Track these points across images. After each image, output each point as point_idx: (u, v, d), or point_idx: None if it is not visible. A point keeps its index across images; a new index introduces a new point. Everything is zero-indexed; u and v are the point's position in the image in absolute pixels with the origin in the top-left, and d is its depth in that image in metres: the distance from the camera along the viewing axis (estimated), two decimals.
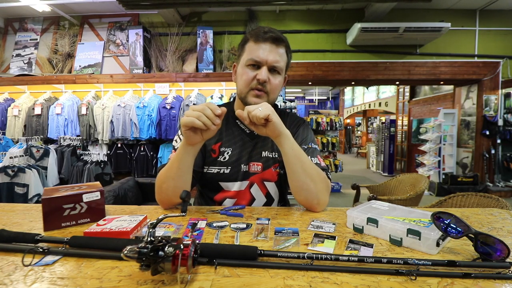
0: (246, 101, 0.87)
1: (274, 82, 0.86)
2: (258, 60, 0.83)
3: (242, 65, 0.87)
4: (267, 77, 0.83)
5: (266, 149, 0.94)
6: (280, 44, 0.85)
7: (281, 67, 0.86)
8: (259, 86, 0.84)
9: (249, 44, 0.86)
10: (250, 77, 0.85)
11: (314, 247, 0.54)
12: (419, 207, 0.91)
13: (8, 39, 4.75)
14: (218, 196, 0.92)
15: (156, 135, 3.80)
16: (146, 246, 0.40)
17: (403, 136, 7.16)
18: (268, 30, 0.84)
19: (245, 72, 0.85)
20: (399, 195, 2.39)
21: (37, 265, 0.47)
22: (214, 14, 4.55)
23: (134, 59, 4.26)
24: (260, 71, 0.83)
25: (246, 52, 0.86)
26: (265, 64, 0.83)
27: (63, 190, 0.68)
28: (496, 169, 4.71)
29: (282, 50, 0.86)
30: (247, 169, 0.91)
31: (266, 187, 0.93)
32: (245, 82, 0.86)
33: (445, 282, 0.42)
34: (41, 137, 3.72)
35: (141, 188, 2.62)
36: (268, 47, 0.83)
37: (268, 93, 0.86)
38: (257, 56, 0.83)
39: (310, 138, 0.96)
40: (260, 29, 0.85)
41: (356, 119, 14.40)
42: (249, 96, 0.86)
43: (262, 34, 0.83)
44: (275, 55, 0.84)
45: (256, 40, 0.84)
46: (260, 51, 0.83)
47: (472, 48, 4.56)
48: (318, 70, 4.51)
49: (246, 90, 0.86)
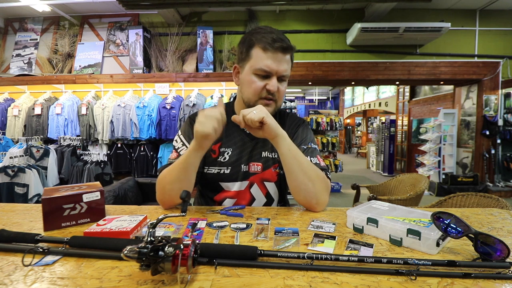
0: None
1: (282, 90, 0.87)
2: (268, 71, 0.82)
3: (249, 72, 0.85)
4: (277, 87, 0.84)
5: (266, 150, 0.94)
6: (289, 52, 0.84)
7: (288, 74, 0.87)
8: (269, 96, 0.85)
9: (257, 51, 0.83)
10: (259, 87, 0.84)
11: (314, 247, 0.54)
12: (419, 207, 0.91)
13: (8, 39, 4.75)
14: (218, 196, 0.92)
15: (156, 135, 3.80)
16: (146, 246, 0.40)
17: (403, 136, 7.16)
18: (277, 37, 0.81)
19: (254, 81, 0.84)
20: (399, 195, 2.39)
21: (37, 265, 0.47)
22: (214, 14, 4.55)
23: (134, 59, 4.26)
24: (271, 82, 0.83)
25: (254, 59, 0.83)
26: (275, 74, 0.83)
27: (63, 190, 0.68)
28: (496, 169, 4.71)
29: (289, 57, 0.85)
30: (247, 169, 0.92)
31: (266, 187, 0.93)
32: (254, 91, 0.85)
33: (445, 282, 0.42)
34: (41, 137, 3.72)
35: (141, 188, 2.62)
36: (278, 57, 0.82)
37: (276, 101, 0.87)
38: (267, 66, 0.82)
39: (310, 138, 0.96)
40: (267, 36, 0.81)
41: (356, 119, 14.40)
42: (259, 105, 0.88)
43: (271, 42, 0.80)
44: (284, 64, 0.83)
45: (265, 48, 0.81)
46: (269, 61, 0.81)
47: (472, 48, 4.56)
48: (318, 70, 4.50)
49: (255, 99, 0.86)
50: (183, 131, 0.93)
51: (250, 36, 0.85)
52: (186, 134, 0.91)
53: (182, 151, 0.88)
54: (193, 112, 1.04)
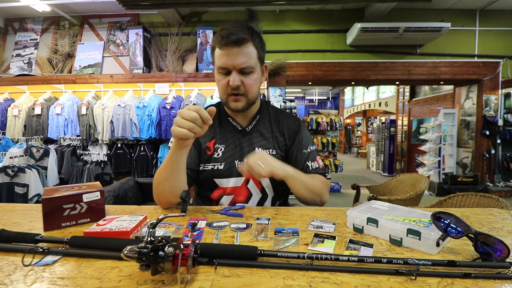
0: (227, 106, 0.91)
1: (249, 82, 0.86)
2: (225, 67, 0.83)
3: (216, 72, 0.88)
4: (239, 81, 0.84)
5: (260, 146, 0.95)
6: (244, 43, 0.82)
7: (252, 65, 0.84)
8: (234, 91, 0.86)
9: (216, 51, 0.85)
10: (224, 84, 0.86)
11: (314, 247, 0.54)
12: (419, 207, 0.91)
13: (8, 39, 4.75)
14: (215, 194, 0.93)
15: (156, 135, 3.80)
16: (146, 246, 0.40)
17: (403, 136, 7.16)
18: (230, 32, 0.80)
19: (219, 80, 0.87)
20: (399, 195, 2.39)
21: (37, 265, 0.47)
22: (214, 14, 4.55)
23: (134, 59, 4.26)
24: (231, 77, 0.83)
25: (216, 59, 0.86)
26: (234, 69, 0.83)
27: (63, 190, 0.68)
28: (496, 169, 4.71)
29: (248, 49, 0.83)
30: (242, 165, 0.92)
31: (261, 183, 0.94)
32: (221, 89, 0.88)
33: (445, 282, 0.42)
34: (41, 137, 3.71)
35: (141, 188, 2.62)
36: (231, 51, 0.81)
37: (245, 94, 0.87)
38: (223, 63, 0.83)
39: (308, 141, 0.98)
40: (222, 33, 0.81)
41: (356, 119, 14.40)
42: (229, 102, 0.89)
43: (224, 39, 0.80)
44: (241, 57, 0.82)
45: (220, 46, 0.83)
46: (225, 57, 0.82)
47: (472, 48, 4.55)
48: (318, 70, 4.50)
49: (225, 96, 0.89)
50: None
51: (213, 39, 0.88)
52: None
53: None
54: None
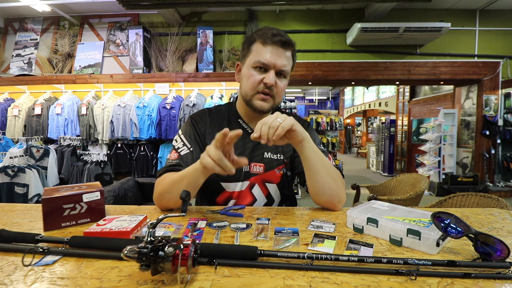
0: (251, 104, 0.86)
1: (281, 86, 0.85)
2: (266, 63, 0.81)
3: (248, 66, 0.85)
4: (275, 81, 0.82)
5: (269, 150, 0.93)
6: (288, 47, 0.84)
7: (288, 71, 0.85)
8: (266, 90, 0.83)
9: (257, 46, 0.83)
10: (257, 80, 0.83)
11: (314, 247, 0.54)
12: (419, 207, 0.91)
13: (8, 39, 4.75)
14: (220, 198, 0.91)
15: (156, 135, 3.80)
16: (146, 246, 0.40)
17: (403, 136, 7.16)
18: (277, 32, 0.82)
19: (252, 75, 0.83)
20: (399, 195, 2.39)
21: (37, 265, 0.47)
22: (214, 14, 4.55)
23: (134, 59, 4.26)
24: (268, 75, 0.82)
25: (253, 53, 0.84)
26: (273, 68, 0.82)
27: (63, 190, 0.68)
28: (496, 169, 4.71)
29: (289, 54, 0.84)
30: (248, 170, 0.91)
31: (267, 188, 0.92)
32: (251, 85, 0.84)
33: (445, 282, 0.42)
34: (41, 137, 3.71)
35: (141, 188, 2.62)
36: (276, 51, 0.81)
37: (274, 97, 0.86)
38: (265, 59, 0.81)
39: (318, 140, 0.95)
40: (268, 31, 0.82)
41: (356, 119, 14.40)
42: (255, 100, 0.85)
43: (270, 37, 0.81)
44: (283, 59, 0.82)
45: (264, 42, 0.82)
46: (268, 54, 0.81)
47: (472, 48, 4.55)
48: (318, 70, 4.50)
49: (252, 93, 0.85)
50: (184, 131, 0.92)
51: (252, 34, 0.87)
52: (187, 134, 0.91)
53: (182, 151, 0.87)
54: (193, 112, 1.03)
